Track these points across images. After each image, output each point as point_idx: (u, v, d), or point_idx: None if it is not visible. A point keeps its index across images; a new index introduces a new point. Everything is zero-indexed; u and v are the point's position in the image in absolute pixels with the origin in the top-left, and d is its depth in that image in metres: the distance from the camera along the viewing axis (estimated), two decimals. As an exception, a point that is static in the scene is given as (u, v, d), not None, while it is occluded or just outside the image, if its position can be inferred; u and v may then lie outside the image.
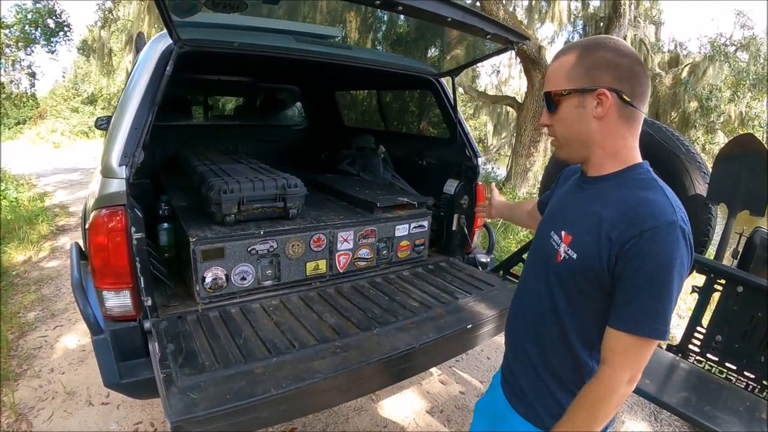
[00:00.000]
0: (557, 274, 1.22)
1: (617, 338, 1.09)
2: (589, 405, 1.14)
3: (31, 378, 3.25)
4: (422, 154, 3.63)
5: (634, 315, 1.06)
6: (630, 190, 1.12)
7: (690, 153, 2.43)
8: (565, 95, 1.16)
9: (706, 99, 13.90)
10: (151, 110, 2.06)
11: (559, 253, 1.21)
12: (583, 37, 11.17)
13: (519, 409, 1.37)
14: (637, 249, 1.04)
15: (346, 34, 8.26)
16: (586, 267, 1.14)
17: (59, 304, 4.40)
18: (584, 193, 1.25)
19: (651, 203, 1.07)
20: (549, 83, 1.20)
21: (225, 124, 5.47)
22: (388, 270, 3.00)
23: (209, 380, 1.74)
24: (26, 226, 6.65)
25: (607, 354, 1.12)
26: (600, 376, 1.12)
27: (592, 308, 1.18)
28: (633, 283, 1.06)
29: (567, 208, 1.29)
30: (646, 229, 1.03)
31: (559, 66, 1.18)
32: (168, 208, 2.74)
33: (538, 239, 1.37)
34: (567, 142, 1.22)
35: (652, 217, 1.04)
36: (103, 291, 1.98)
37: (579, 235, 1.17)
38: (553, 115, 1.21)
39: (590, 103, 1.13)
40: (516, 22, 8.53)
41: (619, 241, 1.06)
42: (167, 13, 1.80)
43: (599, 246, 1.10)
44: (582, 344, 1.23)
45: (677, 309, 4.96)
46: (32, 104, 18.11)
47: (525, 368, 1.36)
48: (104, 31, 16.49)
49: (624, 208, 1.09)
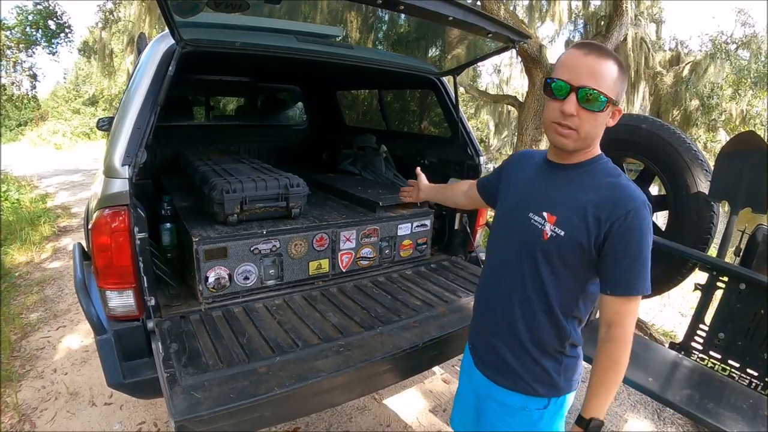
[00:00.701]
0: (544, 251, 1.35)
1: (619, 302, 1.29)
2: (613, 363, 1.31)
3: (34, 379, 3.26)
4: (424, 154, 3.63)
5: (630, 280, 1.27)
6: (604, 177, 1.33)
7: (692, 151, 2.42)
8: (612, 102, 1.27)
9: (708, 97, 13.87)
10: (154, 110, 2.06)
11: (545, 232, 1.35)
12: (589, 38, 11.21)
13: (505, 383, 1.49)
14: (625, 226, 1.24)
15: (347, 34, 8.26)
16: (574, 242, 1.30)
17: (61, 305, 4.41)
18: (556, 178, 1.40)
19: (627, 187, 1.28)
20: (597, 82, 1.25)
21: (227, 124, 5.47)
22: (391, 269, 3.00)
23: (213, 380, 1.75)
24: (28, 227, 6.67)
25: (612, 317, 1.30)
26: (614, 337, 1.30)
27: (575, 279, 1.36)
28: (624, 254, 1.25)
29: (543, 192, 1.41)
30: (630, 209, 1.24)
31: (608, 71, 1.26)
32: (170, 208, 2.74)
33: (510, 223, 1.49)
34: (585, 137, 1.31)
35: (632, 199, 1.25)
36: (106, 291, 1.98)
37: (564, 215, 1.32)
38: (588, 112, 1.27)
39: (608, 112, 1.29)
40: (517, 21, 8.52)
41: (609, 221, 1.25)
42: (169, 13, 1.80)
43: (587, 224, 1.28)
44: (564, 313, 1.40)
45: (679, 307, 4.96)
46: (33, 106, 18.09)
47: (509, 345, 1.48)
48: (105, 32, 16.47)
49: (605, 192, 1.29)
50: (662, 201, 2.61)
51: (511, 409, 1.50)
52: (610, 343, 1.31)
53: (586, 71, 1.25)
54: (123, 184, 1.93)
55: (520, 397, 1.48)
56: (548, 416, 1.49)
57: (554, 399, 1.48)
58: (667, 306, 4.94)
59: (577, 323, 1.45)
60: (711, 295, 2.32)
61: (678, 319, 4.69)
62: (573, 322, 1.43)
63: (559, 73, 1.29)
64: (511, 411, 1.51)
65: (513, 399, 1.49)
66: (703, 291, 2.33)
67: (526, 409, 1.48)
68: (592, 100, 1.24)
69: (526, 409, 1.48)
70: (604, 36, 8.21)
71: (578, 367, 1.52)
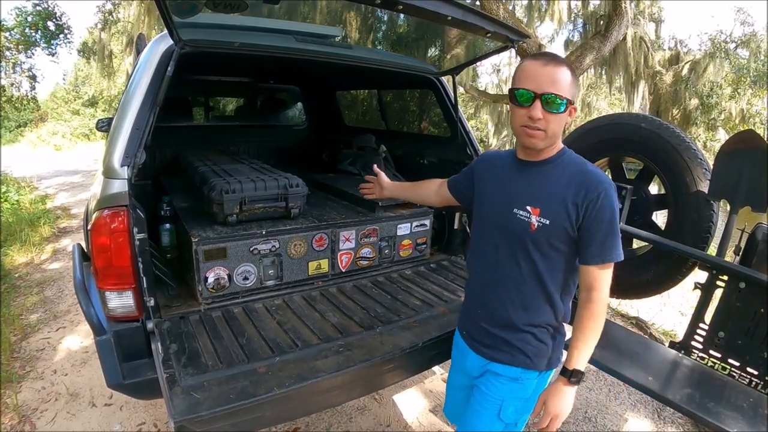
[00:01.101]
0: (534, 240, 1.53)
1: (596, 271, 1.50)
2: (594, 320, 1.51)
3: (34, 380, 3.25)
4: (423, 153, 3.63)
5: (605, 250, 1.47)
6: (572, 167, 1.53)
7: (691, 150, 2.42)
8: (570, 102, 1.46)
9: (707, 96, 13.86)
10: (153, 111, 2.06)
11: (533, 224, 1.52)
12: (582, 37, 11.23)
13: (503, 358, 1.65)
14: (599, 205, 1.44)
15: (346, 34, 8.25)
16: (560, 228, 1.49)
17: (61, 306, 4.40)
18: (530, 174, 1.58)
19: (594, 173, 1.50)
20: (557, 88, 1.43)
21: (226, 124, 5.46)
22: (391, 269, 3.00)
23: (212, 380, 1.75)
24: (28, 228, 6.67)
25: (591, 283, 1.51)
26: (594, 299, 1.51)
27: (564, 259, 1.55)
28: (599, 229, 1.46)
29: (522, 189, 1.58)
30: (601, 191, 1.44)
31: (563, 77, 1.44)
32: (170, 208, 2.74)
33: (496, 220, 1.64)
34: (552, 135, 1.49)
35: (600, 183, 1.46)
36: (105, 292, 1.97)
37: (546, 206, 1.51)
38: (552, 114, 1.45)
39: (568, 111, 1.48)
40: (516, 21, 8.51)
41: (584, 204, 1.45)
42: (168, 14, 1.80)
43: (567, 211, 1.47)
44: (557, 290, 1.59)
45: (679, 306, 4.96)
46: (33, 107, 18.05)
47: (508, 329, 1.64)
48: (104, 33, 16.43)
49: (577, 180, 1.48)
50: (662, 200, 2.61)
51: (504, 378, 1.66)
52: (590, 303, 1.51)
53: (546, 79, 1.43)
54: (122, 184, 1.92)
55: (515, 370, 1.64)
56: (535, 387, 1.68)
57: (544, 372, 1.68)
58: (667, 305, 4.94)
59: (569, 299, 1.66)
60: (711, 294, 2.32)
61: (678, 318, 4.69)
62: (566, 299, 1.63)
63: (523, 83, 1.46)
64: (503, 380, 1.66)
65: (509, 371, 1.65)
66: (702, 290, 2.33)
67: (519, 380, 1.65)
68: (555, 104, 1.43)
69: (518, 380, 1.64)
70: (603, 35, 8.20)
71: (563, 344, 1.70)
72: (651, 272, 2.57)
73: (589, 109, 18.66)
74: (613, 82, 14.31)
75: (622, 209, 2.38)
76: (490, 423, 1.68)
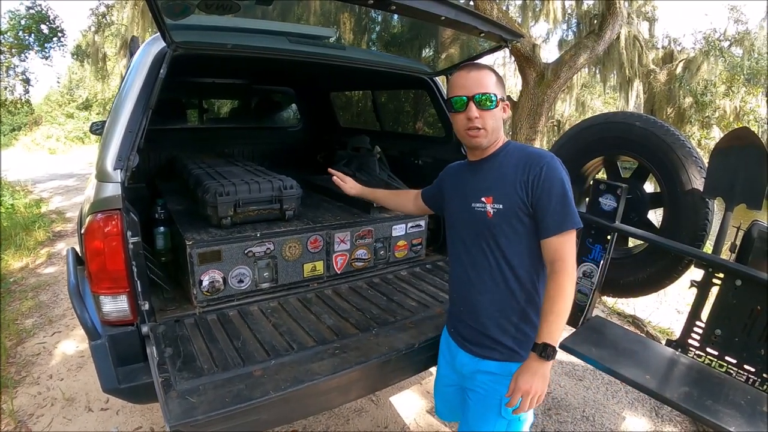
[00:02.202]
0: (495, 226, 1.62)
1: (556, 241, 1.54)
2: (561, 290, 1.51)
3: (30, 385, 3.24)
4: (418, 154, 3.63)
5: (560, 219, 1.53)
6: (516, 153, 1.65)
7: (686, 148, 2.42)
8: (501, 99, 1.63)
9: (701, 94, 13.91)
10: (146, 114, 2.05)
11: (489, 212, 1.62)
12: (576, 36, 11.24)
13: (492, 355, 1.70)
14: (543, 177, 1.54)
15: (340, 35, 8.22)
16: (513, 208, 1.58)
17: (57, 311, 4.39)
18: (481, 171, 1.71)
19: (535, 152, 1.63)
20: (485, 88, 1.60)
21: (220, 126, 5.45)
22: (386, 270, 2.99)
23: (208, 384, 1.74)
24: (23, 232, 6.66)
25: (554, 255, 1.55)
26: (558, 269, 1.53)
27: (528, 238, 1.61)
28: (549, 200, 1.53)
29: (475, 185, 1.71)
30: (543, 164, 1.55)
31: (486, 79, 1.62)
32: (164, 211, 2.73)
33: (460, 218, 1.76)
34: (491, 131, 1.64)
35: (542, 157, 1.58)
36: (100, 296, 1.96)
37: (498, 191, 1.62)
38: (488, 111, 1.61)
39: (501, 107, 1.65)
40: (509, 21, 8.50)
41: (530, 179, 1.56)
42: (160, 16, 1.79)
43: (516, 189, 1.57)
44: (529, 273, 1.65)
45: (676, 304, 4.96)
46: (27, 111, 18.03)
47: (491, 323, 1.69)
48: (98, 36, 16.38)
49: (520, 162, 1.60)
50: (657, 198, 2.61)
51: (498, 376, 1.68)
52: (556, 274, 1.53)
53: (473, 83, 1.61)
54: (115, 188, 1.91)
55: (506, 365, 1.67)
56: None
57: None
58: (663, 303, 4.95)
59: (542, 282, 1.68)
60: (707, 292, 2.31)
61: (674, 315, 4.69)
62: (539, 283, 1.68)
63: (455, 92, 1.64)
64: (498, 378, 1.68)
65: (501, 367, 1.68)
66: (699, 288, 2.32)
67: (512, 374, 1.62)
68: (486, 102, 1.60)
69: (511, 374, 1.62)
70: (597, 34, 8.22)
71: None
72: (647, 271, 2.57)
73: (584, 108, 18.69)
74: (608, 81, 14.33)
75: (617, 208, 2.38)
76: (493, 422, 1.70)
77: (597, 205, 2.43)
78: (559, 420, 3.04)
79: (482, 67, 1.66)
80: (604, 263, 2.47)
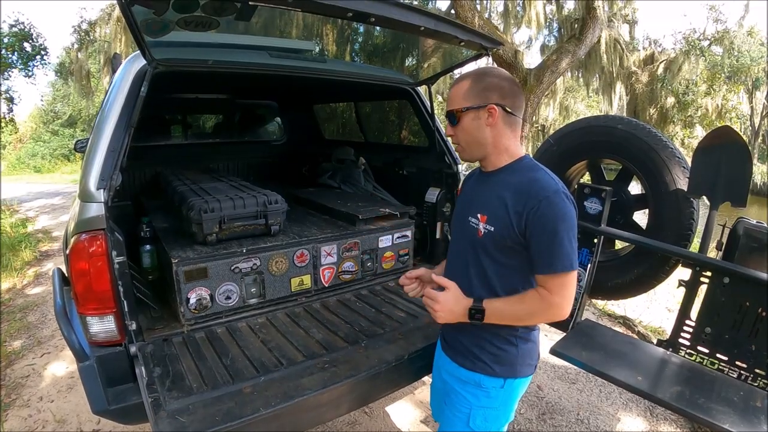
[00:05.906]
0: (482, 246, 1.56)
1: (545, 279, 1.47)
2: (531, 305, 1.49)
3: (20, 407, 3.19)
4: (402, 164, 3.63)
5: (550, 260, 1.44)
6: (521, 174, 1.52)
7: (668, 148, 2.44)
8: (463, 111, 1.53)
9: (683, 94, 14.09)
10: (128, 132, 2.04)
11: (480, 230, 1.56)
12: (557, 41, 11.34)
13: (465, 363, 1.67)
14: (539, 213, 1.42)
15: (322, 48, 8.25)
16: (503, 234, 1.50)
17: (45, 331, 4.33)
18: (487, 183, 1.62)
19: (539, 181, 1.47)
20: (450, 104, 1.58)
21: (204, 142, 5.44)
22: (374, 282, 2.98)
23: (198, 402, 1.73)
24: (9, 253, 6.57)
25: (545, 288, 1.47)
26: (544, 296, 1.46)
27: (518, 264, 1.53)
28: (542, 239, 1.43)
29: (476, 197, 1.65)
30: (542, 199, 1.42)
31: (456, 91, 1.57)
32: (150, 229, 2.71)
33: (458, 226, 1.72)
34: (467, 146, 1.60)
35: (543, 189, 1.43)
36: (86, 317, 1.94)
37: (492, 213, 1.54)
38: (455, 127, 1.58)
39: (483, 116, 1.52)
40: (492, 28, 8.57)
41: (525, 211, 1.44)
42: (139, 34, 1.79)
43: (510, 218, 1.47)
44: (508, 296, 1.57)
45: (666, 303, 4.99)
46: (11, 129, 17.88)
47: (465, 332, 1.67)
48: (81, 53, 16.32)
49: (521, 188, 1.48)
50: (642, 199, 2.63)
51: (469, 386, 1.67)
52: (540, 296, 1.47)
53: (449, 100, 1.60)
54: (99, 208, 1.90)
55: (478, 376, 1.64)
56: (504, 396, 1.65)
57: (510, 380, 1.64)
58: (654, 302, 4.97)
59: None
60: (695, 291, 2.33)
61: (665, 314, 4.72)
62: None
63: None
64: (468, 387, 1.67)
65: (472, 377, 1.65)
66: (687, 287, 2.34)
67: (482, 387, 1.64)
68: (452, 118, 1.57)
69: (482, 386, 1.64)
70: (578, 39, 8.30)
71: (534, 352, 1.69)
72: (635, 272, 2.58)
73: (568, 112, 18.84)
74: (590, 84, 14.47)
75: (602, 211, 2.39)
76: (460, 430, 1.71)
77: (582, 209, 2.45)
78: (553, 424, 3.03)
79: (459, 79, 1.59)
80: (592, 266, 2.48)
